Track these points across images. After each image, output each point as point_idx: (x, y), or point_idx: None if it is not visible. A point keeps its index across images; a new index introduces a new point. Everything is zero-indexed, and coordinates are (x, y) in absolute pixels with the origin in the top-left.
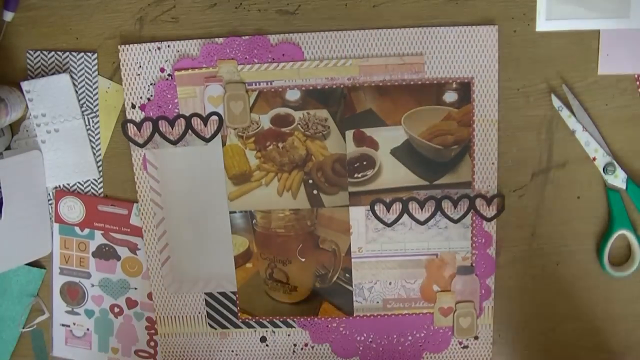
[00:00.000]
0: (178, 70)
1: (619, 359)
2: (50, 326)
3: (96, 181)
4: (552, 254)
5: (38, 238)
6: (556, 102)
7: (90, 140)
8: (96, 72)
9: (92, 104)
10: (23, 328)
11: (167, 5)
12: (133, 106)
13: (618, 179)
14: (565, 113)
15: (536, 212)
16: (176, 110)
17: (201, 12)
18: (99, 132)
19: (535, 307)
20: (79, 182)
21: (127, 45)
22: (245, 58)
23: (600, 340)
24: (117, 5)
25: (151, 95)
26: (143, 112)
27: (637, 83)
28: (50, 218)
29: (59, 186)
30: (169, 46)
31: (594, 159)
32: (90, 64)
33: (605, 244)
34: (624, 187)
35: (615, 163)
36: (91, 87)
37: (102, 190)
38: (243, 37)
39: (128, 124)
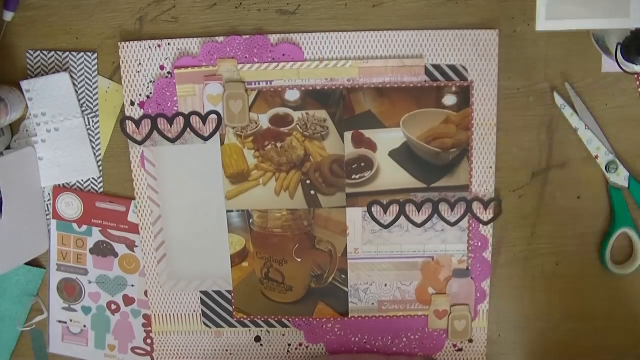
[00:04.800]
0: (178, 68)
1: (619, 359)
2: (47, 323)
3: (96, 180)
4: (552, 254)
5: (35, 235)
6: (559, 100)
7: (91, 140)
8: (96, 72)
9: (92, 104)
10: (22, 327)
11: (167, 5)
12: (132, 103)
13: (620, 177)
14: (567, 111)
15: (536, 212)
16: (175, 108)
17: (201, 12)
18: (99, 132)
19: (535, 307)
20: (79, 181)
21: (127, 43)
22: (246, 57)
23: (600, 340)
24: (117, 5)
25: (150, 93)
26: (142, 110)
27: (637, 83)
28: (47, 215)
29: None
30: (169, 44)
31: (597, 157)
32: (90, 64)
33: (607, 242)
34: (626, 186)
35: (618, 161)
36: (91, 87)
37: (102, 189)
38: (243, 37)
39: (127, 121)
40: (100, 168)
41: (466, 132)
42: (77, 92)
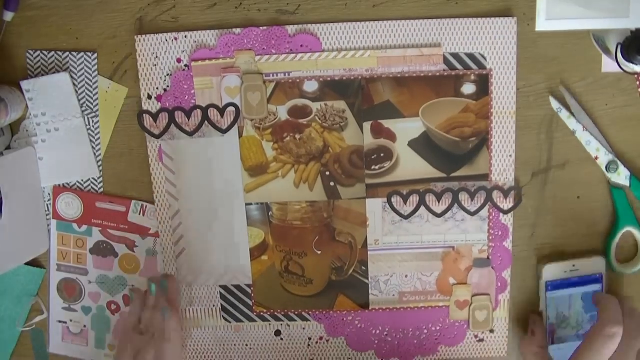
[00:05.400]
0: (195, 60)
1: None
2: (47, 323)
3: (96, 180)
4: (552, 253)
5: (35, 235)
6: (555, 104)
7: (91, 140)
8: (96, 72)
9: (92, 104)
10: (23, 327)
11: (167, 5)
12: (149, 97)
13: (621, 177)
14: (564, 114)
15: (536, 212)
16: (193, 101)
17: (201, 12)
18: (99, 132)
19: (535, 307)
20: (79, 182)
21: (143, 36)
22: (263, 49)
23: None
24: (117, 5)
25: (167, 86)
26: (159, 103)
27: (637, 83)
28: (47, 215)
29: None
30: (186, 36)
31: (596, 158)
32: (90, 64)
33: (611, 241)
34: (628, 185)
35: (618, 161)
36: (91, 87)
37: (102, 189)
38: (261, 28)
39: (144, 115)
40: (100, 168)
41: (485, 121)
42: (77, 92)
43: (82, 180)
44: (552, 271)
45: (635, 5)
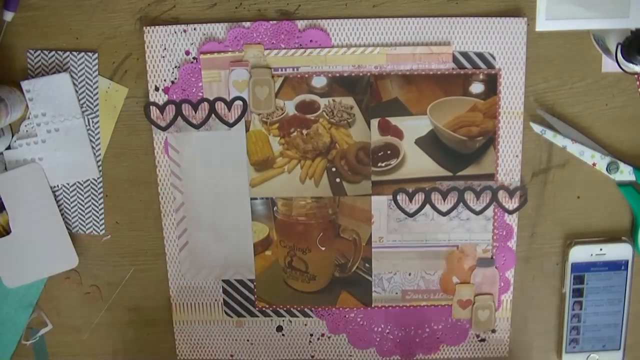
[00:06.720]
0: (203, 53)
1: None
2: None
3: (96, 181)
4: (552, 254)
5: (59, 250)
6: (537, 128)
7: (91, 140)
8: (96, 72)
9: (92, 104)
10: (27, 342)
11: (167, 5)
12: (157, 89)
13: (625, 174)
14: (549, 134)
15: (536, 212)
16: (200, 94)
17: (201, 12)
18: (99, 132)
19: (534, 307)
20: (78, 182)
21: (152, 27)
22: (272, 43)
23: None
24: (117, 5)
25: (175, 78)
26: (166, 95)
27: (637, 83)
28: (70, 230)
29: None
30: (195, 29)
31: (594, 164)
32: (91, 63)
33: (637, 237)
34: (634, 179)
35: (617, 160)
36: (91, 87)
37: (101, 190)
38: (270, 22)
39: (151, 107)
40: (100, 168)
41: (493, 120)
42: (77, 92)
43: (82, 181)
44: (579, 253)
45: (635, 5)
